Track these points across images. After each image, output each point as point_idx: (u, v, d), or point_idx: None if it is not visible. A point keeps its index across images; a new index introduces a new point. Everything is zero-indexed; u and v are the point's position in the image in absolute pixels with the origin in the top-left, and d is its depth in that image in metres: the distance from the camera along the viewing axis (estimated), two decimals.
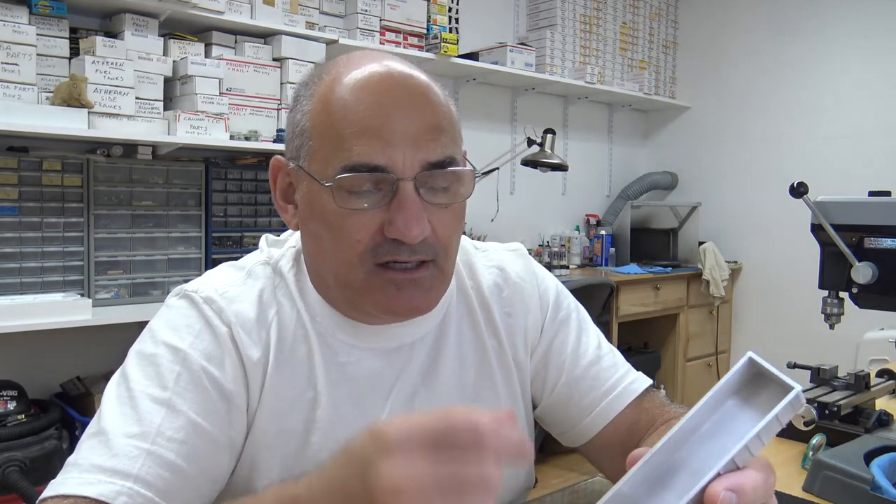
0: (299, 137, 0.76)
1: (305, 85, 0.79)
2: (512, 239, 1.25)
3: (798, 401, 0.48)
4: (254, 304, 0.79)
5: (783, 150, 4.15)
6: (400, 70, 0.75)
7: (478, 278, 0.92)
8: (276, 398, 0.77)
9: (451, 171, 0.74)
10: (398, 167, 0.71)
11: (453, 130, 0.77)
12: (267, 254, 0.85)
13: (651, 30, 4.48)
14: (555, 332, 0.94)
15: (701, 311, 4.17)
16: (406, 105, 0.73)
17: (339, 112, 0.73)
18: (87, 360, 2.51)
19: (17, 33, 2.17)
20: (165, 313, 0.79)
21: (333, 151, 0.72)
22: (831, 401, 1.25)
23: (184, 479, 0.70)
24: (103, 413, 0.72)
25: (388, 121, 0.71)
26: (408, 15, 3.19)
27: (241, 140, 2.59)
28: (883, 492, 0.92)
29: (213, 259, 2.59)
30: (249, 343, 0.77)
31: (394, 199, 0.72)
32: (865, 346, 3.34)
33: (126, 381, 0.74)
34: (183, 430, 0.70)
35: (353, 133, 0.71)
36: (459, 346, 0.87)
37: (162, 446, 0.69)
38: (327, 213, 0.73)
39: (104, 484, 0.65)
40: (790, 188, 1.32)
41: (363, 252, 0.73)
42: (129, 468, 0.67)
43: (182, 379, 0.73)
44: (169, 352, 0.74)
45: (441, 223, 0.75)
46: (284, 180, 0.81)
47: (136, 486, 0.66)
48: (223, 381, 0.74)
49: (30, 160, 2.29)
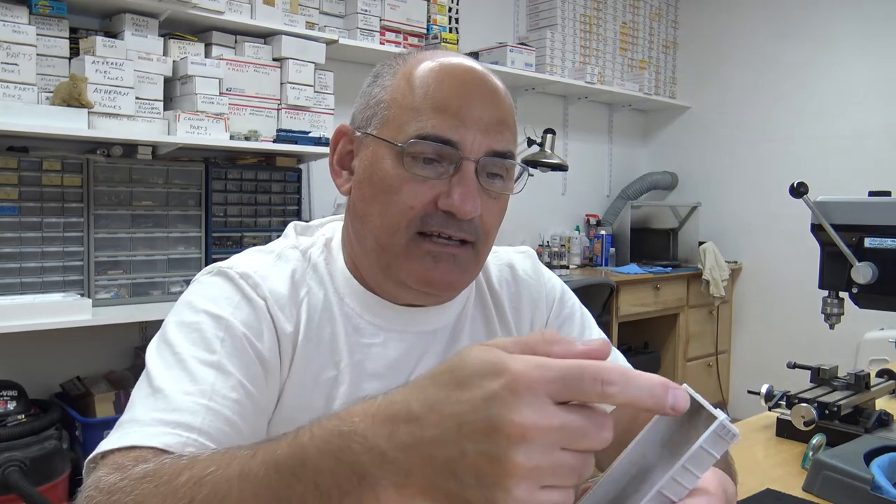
0: (373, 108, 0.82)
1: (387, 65, 0.84)
2: (512, 239, 1.25)
3: (724, 430, 0.47)
4: (286, 283, 0.82)
5: (783, 150, 4.15)
6: (480, 67, 0.82)
7: (489, 275, 0.96)
8: (302, 373, 0.80)
9: (509, 162, 0.81)
10: (466, 147, 0.77)
11: (515, 130, 0.84)
12: (295, 240, 0.89)
13: (651, 30, 4.48)
14: (559, 328, 0.97)
15: (701, 311, 4.17)
16: (483, 96, 0.79)
17: (422, 88, 0.78)
18: (87, 360, 2.51)
19: (17, 33, 2.17)
20: (200, 288, 0.81)
21: (409, 121, 0.77)
22: (831, 401, 1.25)
23: (240, 436, 0.70)
24: (153, 376, 0.72)
25: (466, 104, 0.78)
26: (408, 15, 3.19)
27: (241, 140, 2.59)
28: (883, 492, 0.92)
29: (213, 259, 2.58)
30: (283, 318, 0.79)
31: (455, 175, 0.77)
32: (865, 346, 3.34)
33: (170, 347, 0.74)
34: (235, 390, 0.72)
35: (431, 107, 0.77)
36: (473, 339, 0.91)
37: (219, 403, 0.70)
38: (388, 177, 0.78)
39: (171, 436, 0.65)
40: (790, 188, 1.32)
41: (412, 219, 0.77)
42: (192, 421, 0.67)
43: (226, 344, 0.74)
44: (211, 319, 0.76)
45: (488, 210, 0.80)
46: (345, 147, 0.86)
47: (202, 439, 0.66)
48: (262, 349, 0.77)
49: (30, 160, 2.29)
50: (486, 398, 0.42)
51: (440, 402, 0.44)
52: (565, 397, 0.43)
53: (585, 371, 0.43)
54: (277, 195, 2.81)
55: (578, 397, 0.43)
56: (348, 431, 0.47)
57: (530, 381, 0.42)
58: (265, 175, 2.78)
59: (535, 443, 0.41)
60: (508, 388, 0.42)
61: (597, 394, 0.43)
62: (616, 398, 0.43)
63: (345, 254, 0.87)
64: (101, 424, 2.28)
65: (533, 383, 0.42)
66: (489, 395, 0.42)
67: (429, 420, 0.44)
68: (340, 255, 0.88)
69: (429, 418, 0.44)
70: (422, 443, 0.44)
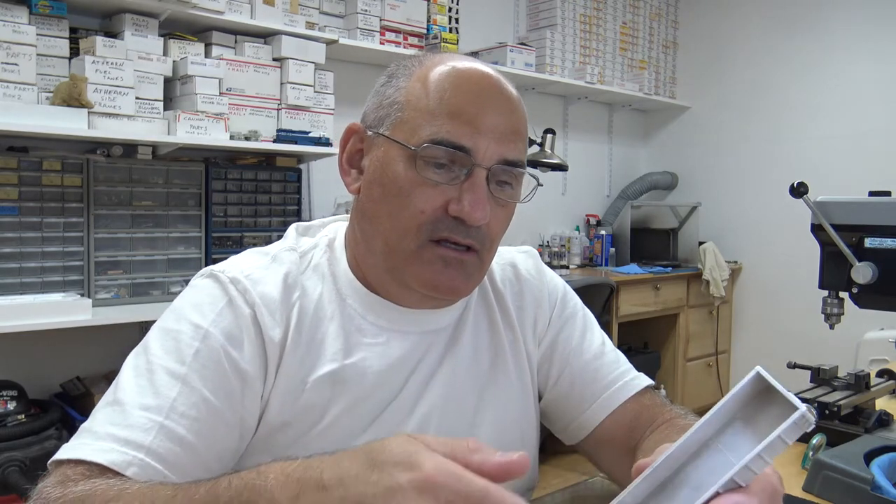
0: (387, 108, 0.81)
1: (403, 66, 0.84)
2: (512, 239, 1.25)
3: (804, 420, 0.47)
4: (278, 286, 0.81)
5: (783, 150, 4.15)
6: (497, 75, 0.82)
7: (492, 275, 0.96)
8: (291, 377, 0.79)
9: (520, 171, 0.81)
10: (479, 154, 0.77)
11: (526, 141, 0.85)
12: (294, 241, 0.89)
13: (651, 30, 4.48)
14: (560, 327, 0.97)
15: (701, 311, 4.17)
16: (499, 104, 0.79)
17: (437, 93, 0.78)
18: (87, 360, 2.51)
19: (17, 33, 2.17)
20: (190, 293, 0.81)
21: (423, 124, 0.77)
22: (831, 401, 1.25)
23: (193, 454, 0.71)
24: (120, 383, 0.74)
25: (482, 111, 0.78)
26: (408, 15, 3.19)
27: (240, 140, 2.59)
28: (883, 492, 0.92)
29: (213, 259, 2.59)
30: (273, 324, 0.79)
31: (466, 181, 0.77)
32: (865, 346, 3.34)
33: (146, 353, 0.76)
34: (195, 407, 0.72)
35: (447, 112, 0.77)
36: (475, 338, 0.91)
37: (175, 421, 0.71)
38: (399, 179, 0.78)
39: (117, 453, 0.67)
40: (790, 188, 1.32)
41: (422, 223, 0.77)
42: (141, 440, 0.68)
43: (200, 355, 0.74)
44: (190, 328, 0.76)
45: (496, 218, 0.81)
46: (356, 145, 0.85)
47: (147, 458, 0.68)
48: (240, 361, 0.76)
49: (30, 160, 2.29)
50: (391, 488, 0.45)
51: (350, 479, 0.47)
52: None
53: (488, 499, 0.44)
54: (277, 195, 2.81)
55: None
56: (260, 486, 0.51)
57: (436, 486, 0.44)
58: (265, 175, 2.78)
59: None
60: (414, 484, 0.44)
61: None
62: None
63: (348, 254, 0.87)
64: None
65: (438, 489, 0.44)
66: (394, 486, 0.45)
67: (334, 493, 0.47)
68: (344, 255, 0.87)
69: (335, 491, 0.47)
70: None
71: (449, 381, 0.87)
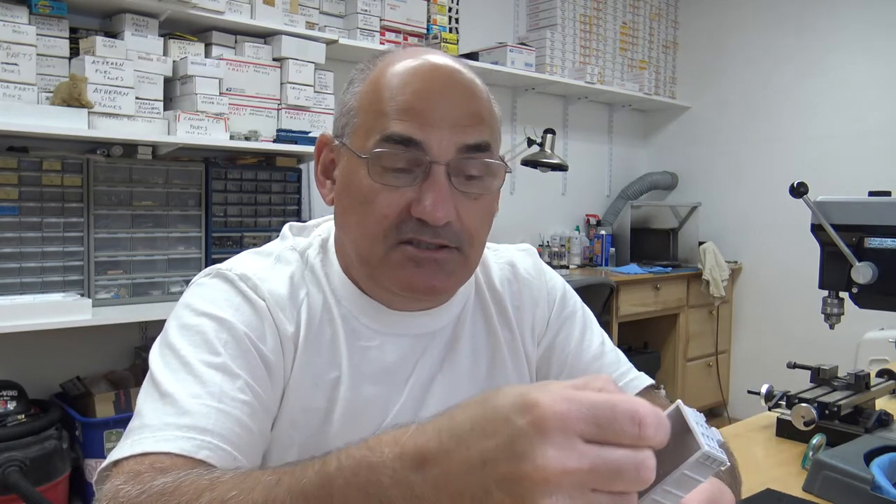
0: (346, 116, 0.80)
1: (360, 70, 0.83)
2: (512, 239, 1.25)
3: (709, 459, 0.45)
4: (286, 285, 0.81)
5: (783, 150, 4.15)
6: (449, 63, 0.79)
7: (490, 274, 0.95)
8: (303, 375, 0.79)
9: (483, 161, 0.77)
10: (433, 149, 0.74)
11: (493, 124, 0.80)
12: (292, 241, 0.88)
13: (651, 30, 4.48)
14: (560, 327, 0.96)
15: (701, 311, 4.17)
16: (450, 94, 0.76)
17: (386, 92, 0.76)
18: (87, 360, 2.51)
19: (17, 33, 2.17)
20: (199, 291, 0.79)
21: (374, 127, 0.76)
22: (831, 401, 1.25)
23: (251, 437, 0.70)
24: (159, 382, 0.70)
25: (430, 105, 0.75)
26: (408, 15, 3.19)
27: (240, 140, 2.59)
28: (883, 492, 0.92)
29: (213, 259, 2.59)
30: (285, 320, 0.78)
31: (425, 181, 0.74)
32: (865, 346, 3.34)
33: (174, 351, 0.73)
34: (243, 392, 0.71)
35: (394, 110, 0.75)
36: (473, 339, 0.90)
37: (229, 405, 0.69)
38: (361, 188, 0.76)
39: (184, 440, 0.64)
40: (790, 188, 1.32)
41: (388, 228, 0.76)
42: (204, 424, 0.66)
43: (230, 346, 0.73)
44: (213, 321, 0.75)
45: (468, 213, 0.77)
46: (328, 156, 0.85)
47: (217, 441, 0.65)
48: (266, 351, 0.76)
49: (30, 160, 2.29)
50: (511, 436, 0.41)
51: (468, 435, 0.43)
52: (597, 438, 0.41)
53: (618, 408, 0.41)
54: (277, 195, 2.81)
55: (611, 439, 0.41)
56: (377, 463, 0.46)
57: (558, 418, 0.40)
58: (265, 175, 2.78)
59: (562, 487, 0.40)
60: (535, 425, 0.40)
61: (631, 436, 0.41)
62: (651, 441, 0.41)
63: (339, 255, 0.87)
64: (101, 424, 2.28)
65: (561, 420, 0.40)
66: (515, 433, 0.41)
67: (457, 455, 0.43)
68: (336, 256, 0.87)
69: (457, 452, 0.43)
70: (450, 480, 0.43)
71: (450, 383, 0.86)
